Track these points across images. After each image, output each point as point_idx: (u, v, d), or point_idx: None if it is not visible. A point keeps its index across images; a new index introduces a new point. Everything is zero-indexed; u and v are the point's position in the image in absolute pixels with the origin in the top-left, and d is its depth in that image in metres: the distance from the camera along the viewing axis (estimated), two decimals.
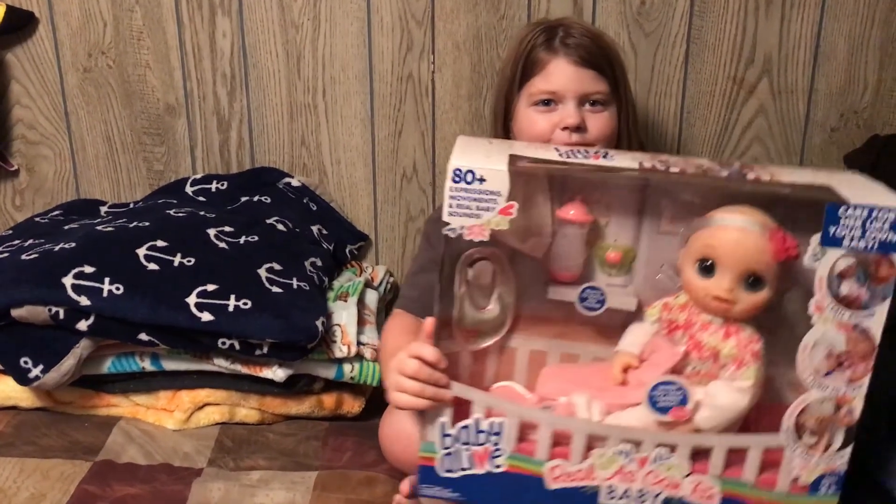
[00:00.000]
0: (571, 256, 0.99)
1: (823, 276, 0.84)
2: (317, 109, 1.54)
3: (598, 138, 1.18)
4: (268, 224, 1.42)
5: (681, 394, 0.90)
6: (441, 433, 0.94)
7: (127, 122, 1.56)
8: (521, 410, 0.95)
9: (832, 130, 1.55)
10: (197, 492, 1.11)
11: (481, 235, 0.88)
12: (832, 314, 0.85)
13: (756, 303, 0.90)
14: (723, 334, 0.91)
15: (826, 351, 0.86)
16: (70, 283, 1.22)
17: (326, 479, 1.15)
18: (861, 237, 0.83)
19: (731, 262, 0.88)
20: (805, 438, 0.89)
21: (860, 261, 0.84)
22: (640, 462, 0.92)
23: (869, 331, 0.86)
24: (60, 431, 1.25)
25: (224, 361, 1.28)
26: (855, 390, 0.88)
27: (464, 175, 0.86)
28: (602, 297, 0.97)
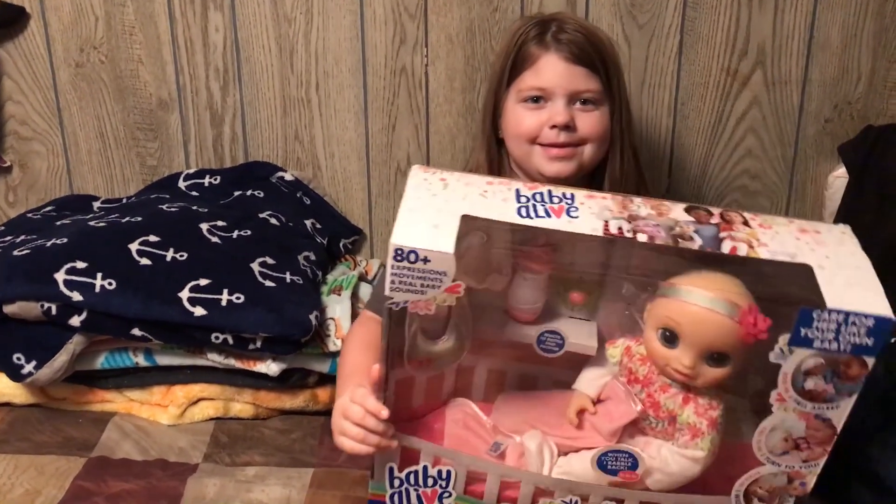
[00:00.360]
0: (530, 300, 0.95)
1: (788, 373, 0.79)
2: (310, 103, 1.53)
3: (587, 138, 1.14)
4: (261, 218, 1.42)
5: (630, 460, 0.89)
6: (389, 476, 0.93)
7: (120, 117, 1.56)
8: (469, 460, 0.93)
9: (826, 121, 1.55)
10: (192, 487, 1.11)
11: (426, 310, 0.82)
12: (794, 405, 0.80)
13: (718, 377, 0.86)
14: (681, 400, 0.88)
15: (783, 435, 0.82)
16: (62, 279, 1.22)
17: (322, 477, 1.15)
18: (834, 340, 0.76)
19: (695, 340, 0.84)
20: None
21: (829, 361, 0.78)
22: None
23: (831, 420, 0.81)
24: (55, 427, 1.25)
25: (217, 356, 1.28)
26: (810, 468, 0.84)
27: (406, 255, 0.78)
28: (561, 340, 0.92)
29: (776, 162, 1.57)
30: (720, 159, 1.57)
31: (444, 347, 0.94)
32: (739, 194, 1.59)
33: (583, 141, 1.13)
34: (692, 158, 1.57)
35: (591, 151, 1.15)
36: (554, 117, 1.12)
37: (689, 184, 1.59)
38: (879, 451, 1.05)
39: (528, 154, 1.15)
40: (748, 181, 1.58)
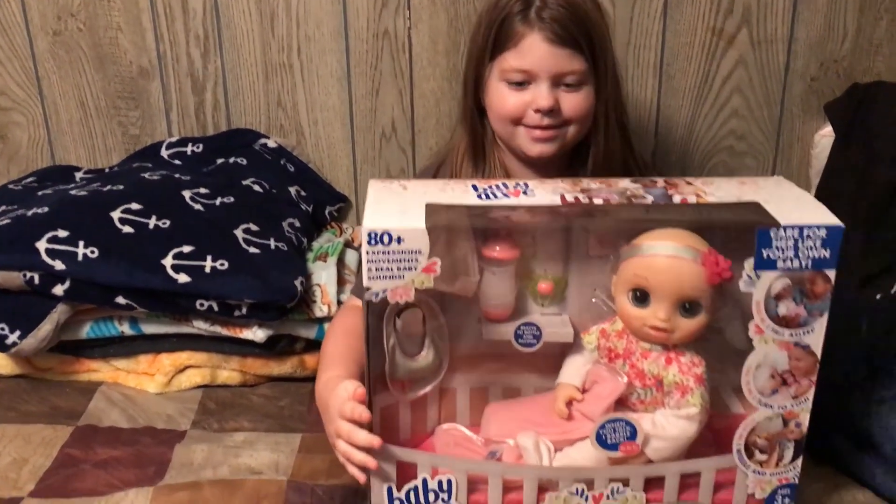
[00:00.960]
0: (502, 294, 0.96)
1: (760, 300, 0.83)
2: (292, 69, 1.51)
3: (572, 119, 1.11)
4: (244, 185, 1.41)
5: (629, 429, 0.89)
6: (388, 498, 0.90)
7: (100, 85, 1.54)
8: (468, 465, 0.92)
9: (812, 80, 1.54)
10: (180, 453, 1.11)
11: (406, 296, 0.84)
12: (772, 335, 0.84)
13: (694, 327, 0.88)
14: (664, 361, 0.90)
15: (769, 371, 0.86)
16: (44, 248, 1.21)
17: (311, 442, 1.15)
18: (794, 257, 0.82)
19: (665, 292, 0.87)
20: (756, 456, 0.90)
21: (795, 280, 0.83)
22: (596, 500, 0.90)
23: (810, 347, 0.85)
24: (41, 397, 1.24)
25: (203, 323, 1.27)
26: (801, 405, 0.88)
27: (380, 237, 0.80)
28: (538, 332, 0.93)
29: (762, 122, 1.57)
30: (706, 120, 1.56)
31: (423, 364, 0.96)
32: (726, 155, 1.58)
33: (567, 122, 1.12)
34: (678, 119, 1.57)
35: (574, 131, 1.13)
36: (538, 101, 1.09)
37: (676, 146, 1.58)
38: (863, 406, 1.05)
39: (512, 134, 1.14)
40: (734, 142, 1.58)
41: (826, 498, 1.03)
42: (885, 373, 1.08)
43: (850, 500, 1.02)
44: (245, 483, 1.03)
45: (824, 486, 1.05)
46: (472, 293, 0.96)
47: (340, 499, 1.02)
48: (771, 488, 0.91)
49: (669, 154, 1.58)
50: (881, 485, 1.02)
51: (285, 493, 1.01)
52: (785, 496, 0.91)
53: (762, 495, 0.91)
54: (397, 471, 0.90)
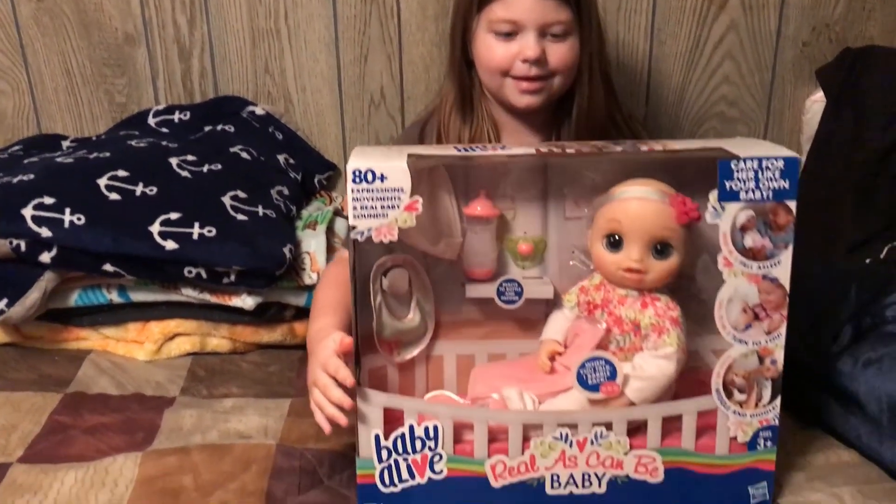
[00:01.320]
0: (484, 252, 0.99)
1: (727, 231, 0.87)
2: (279, 34, 1.50)
3: (558, 69, 1.13)
4: (232, 153, 1.40)
5: (608, 368, 0.91)
6: (376, 446, 0.92)
7: (85, 53, 1.52)
8: (454, 410, 0.94)
9: (804, 45, 1.53)
10: (169, 419, 1.11)
11: (390, 235, 0.87)
12: (741, 267, 0.87)
13: (666, 269, 0.92)
14: (640, 306, 0.93)
15: (741, 305, 0.88)
16: (30, 215, 1.20)
17: (300, 406, 1.14)
18: (756, 188, 0.86)
19: (637, 233, 0.90)
20: (735, 396, 0.91)
21: (758, 212, 0.86)
22: (580, 445, 0.92)
23: (778, 279, 0.88)
24: (30, 366, 1.24)
25: (192, 291, 1.27)
26: (774, 340, 0.90)
27: (364, 175, 0.85)
28: (519, 288, 0.97)
29: (754, 87, 1.56)
30: (697, 85, 1.55)
31: (409, 326, 1.00)
32: (717, 121, 1.58)
33: (553, 73, 1.13)
34: (669, 85, 1.56)
35: (560, 82, 1.15)
36: (525, 51, 1.11)
37: (667, 111, 1.57)
38: (850, 367, 1.06)
39: (500, 86, 1.16)
40: (725, 108, 1.57)
41: (812, 458, 1.03)
42: (872, 335, 1.09)
43: (835, 460, 1.03)
44: (234, 447, 1.03)
45: (811, 447, 1.05)
46: (456, 255, 1.00)
47: (329, 463, 1.02)
48: (752, 430, 0.92)
49: (659, 120, 1.57)
50: (866, 445, 1.02)
51: (274, 458, 1.01)
52: (767, 439, 0.93)
53: (744, 438, 0.92)
54: (384, 419, 0.92)
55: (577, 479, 0.92)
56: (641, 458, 0.92)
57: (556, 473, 0.92)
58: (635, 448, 0.92)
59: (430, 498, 0.92)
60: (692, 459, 0.93)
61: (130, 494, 0.95)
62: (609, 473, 0.92)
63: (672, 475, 0.92)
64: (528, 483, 0.92)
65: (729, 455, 0.93)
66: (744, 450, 0.93)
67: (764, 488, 0.94)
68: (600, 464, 0.92)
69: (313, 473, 1.00)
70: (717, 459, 0.93)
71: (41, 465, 1.00)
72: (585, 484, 0.92)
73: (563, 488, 0.92)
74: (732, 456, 0.93)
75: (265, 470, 1.00)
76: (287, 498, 0.96)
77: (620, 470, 0.92)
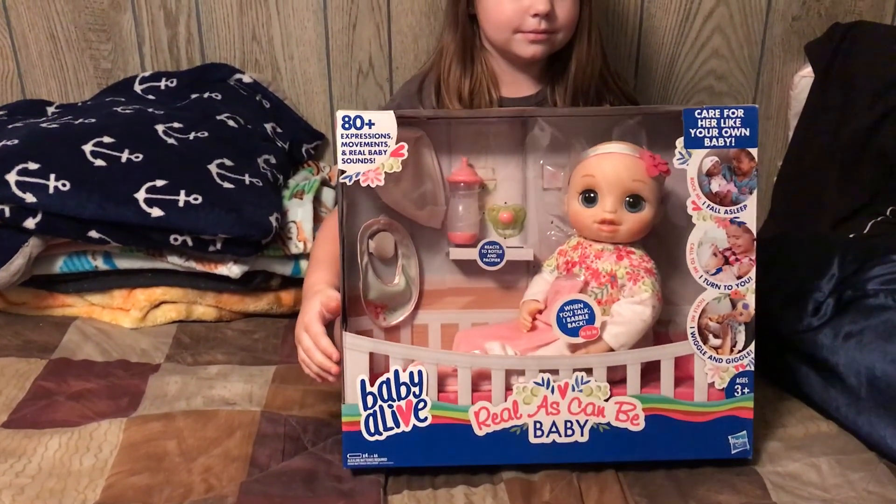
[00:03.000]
0: (466, 217, 1.03)
1: (694, 176, 0.92)
2: (267, 1, 1.48)
3: (564, 25, 1.17)
4: (218, 120, 1.39)
5: (587, 311, 0.93)
6: (361, 392, 0.93)
7: (70, 17, 1.50)
8: (438, 355, 0.96)
9: (794, 19, 1.53)
10: (154, 385, 1.12)
11: (377, 180, 0.91)
12: (709, 211, 0.92)
13: (639, 221, 0.96)
14: (616, 258, 0.97)
15: (711, 249, 0.93)
16: (14, 180, 1.19)
17: (285, 373, 1.16)
18: (719, 136, 0.92)
19: (611, 186, 0.95)
20: (711, 341, 0.94)
21: (723, 158, 0.92)
22: (562, 391, 0.93)
23: (745, 224, 0.93)
24: (14, 332, 1.24)
25: (178, 259, 1.27)
26: (745, 285, 0.94)
27: (353, 121, 0.91)
28: (501, 250, 1.01)
29: (742, 62, 1.56)
30: (686, 59, 1.55)
31: (395, 290, 1.03)
32: (705, 95, 1.58)
33: (558, 28, 1.17)
34: (658, 59, 1.55)
35: (563, 35, 1.19)
36: (536, 6, 1.14)
37: (655, 85, 1.57)
38: (831, 339, 1.07)
39: (508, 41, 1.19)
40: (714, 82, 1.57)
41: (792, 429, 1.05)
42: (853, 308, 1.09)
43: (814, 431, 1.04)
44: (218, 413, 1.04)
45: (791, 418, 1.07)
46: (439, 223, 1.04)
47: (313, 429, 1.03)
48: (729, 377, 0.95)
49: (648, 94, 1.56)
50: (845, 417, 1.04)
51: (258, 424, 1.02)
52: (743, 385, 0.95)
53: (722, 384, 0.95)
54: (370, 363, 0.93)
55: (559, 426, 0.94)
56: (622, 405, 0.94)
57: (538, 421, 0.94)
58: (616, 395, 0.94)
59: (415, 446, 0.94)
60: (672, 406, 0.95)
61: (114, 459, 0.96)
62: (591, 421, 0.94)
63: (653, 423, 0.94)
64: (511, 431, 0.94)
65: (707, 403, 0.95)
66: (722, 397, 0.95)
67: (744, 437, 0.96)
68: (582, 410, 0.94)
69: (297, 440, 1.01)
70: (696, 406, 0.95)
71: (25, 430, 1.01)
72: (568, 432, 0.94)
73: (546, 437, 0.94)
74: (711, 403, 0.95)
75: (249, 436, 1.00)
76: (271, 463, 0.96)
77: (602, 417, 0.94)
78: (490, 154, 1.03)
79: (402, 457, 0.94)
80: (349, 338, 0.93)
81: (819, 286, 1.12)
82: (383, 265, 1.02)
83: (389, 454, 0.94)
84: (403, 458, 0.94)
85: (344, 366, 0.94)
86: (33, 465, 0.95)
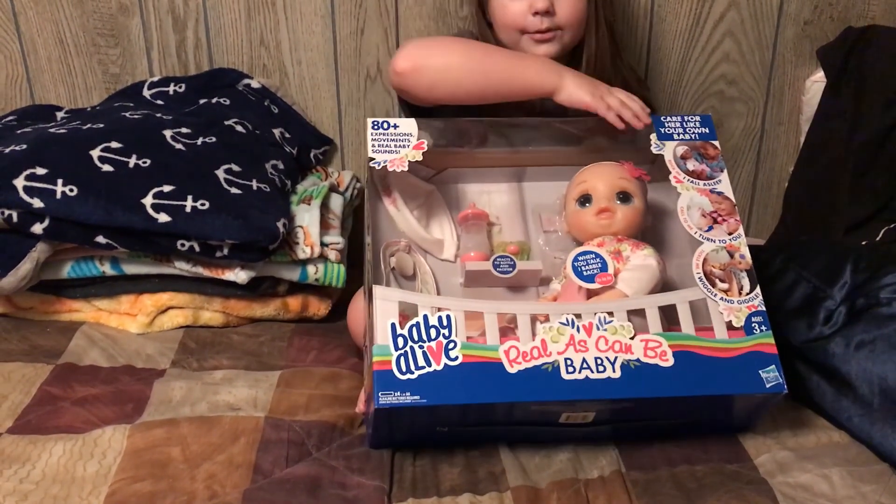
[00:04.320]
0: (478, 243, 1.11)
1: (671, 159, 1.10)
2: (275, 6, 1.48)
3: (568, 22, 1.20)
4: (226, 125, 1.39)
5: (600, 261, 1.03)
6: (392, 334, 0.94)
7: (79, 22, 1.50)
8: (464, 303, 0.99)
9: (805, 23, 1.51)
10: (159, 391, 1.11)
11: (402, 166, 1.07)
12: (689, 183, 1.08)
13: (631, 213, 1.07)
14: (616, 241, 1.06)
15: (699, 211, 1.07)
16: (22, 185, 1.19)
17: (290, 377, 1.15)
18: (684, 133, 1.12)
19: (602, 185, 1.08)
20: (718, 285, 1.01)
21: (691, 147, 1.11)
22: (587, 330, 0.96)
23: (724, 193, 1.08)
24: (22, 336, 1.24)
25: (185, 264, 1.26)
26: (737, 239, 1.05)
27: (381, 124, 1.09)
28: (512, 261, 1.08)
29: (754, 66, 1.54)
30: (697, 63, 1.54)
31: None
32: (716, 100, 1.56)
33: (562, 26, 1.20)
34: (668, 63, 1.54)
35: (570, 34, 1.22)
36: (535, 3, 1.17)
37: (665, 90, 1.56)
38: (843, 348, 1.05)
39: (517, 41, 1.23)
40: (725, 87, 1.55)
41: (803, 438, 1.03)
42: (866, 316, 1.08)
43: (826, 441, 1.03)
44: (222, 420, 1.03)
45: (802, 427, 1.05)
46: (453, 256, 1.12)
47: (318, 434, 1.02)
48: (744, 316, 1.00)
49: (658, 99, 1.55)
50: (857, 427, 1.02)
51: (262, 430, 1.02)
52: (759, 323, 0.99)
53: (739, 322, 0.99)
54: (399, 312, 0.96)
55: (590, 363, 0.95)
56: (648, 342, 0.96)
57: (569, 358, 0.95)
58: (640, 333, 0.96)
59: (448, 384, 0.93)
60: (696, 343, 0.97)
61: (118, 466, 0.96)
62: (620, 357, 0.95)
63: (682, 359, 0.96)
64: (543, 368, 0.94)
65: (729, 339, 0.98)
66: (742, 334, 0.98)
67: (775, 371, 0.97)
68: (610, 348, 0.95)
69: (301, 445, 1.00)
70: (719, 343, 0.98)
71: (30, 435, 1.00)
72: (599, 368, 0.94)
73: (579, 372, 0.94)
74: (733, 340, 0.98)
75: (253, 442, 1.00)
76: (274, 470, 0.96)
77: (630, 354, 0.95)
78: (492, 205, 1.15)
79: (435, 395, 0.92)
80: (379, 290, 0.97)
81: (831, 294, 1.11)
82: (405, 279, 1.08)
83: (422, 392, 0.92)
84: (437, 396, 0.92)
85: (374, 313, 0.95)
86: (37, 472, 0.95)
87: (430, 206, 1.14)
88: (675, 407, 0.97)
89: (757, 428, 1.05)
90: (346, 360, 1.21)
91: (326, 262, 1.32)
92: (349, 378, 1.16)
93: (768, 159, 1.61)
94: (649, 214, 1.11)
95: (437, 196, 1.15)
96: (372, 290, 0.97)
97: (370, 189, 1.09)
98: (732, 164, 1.61)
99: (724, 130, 1.58)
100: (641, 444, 1.02)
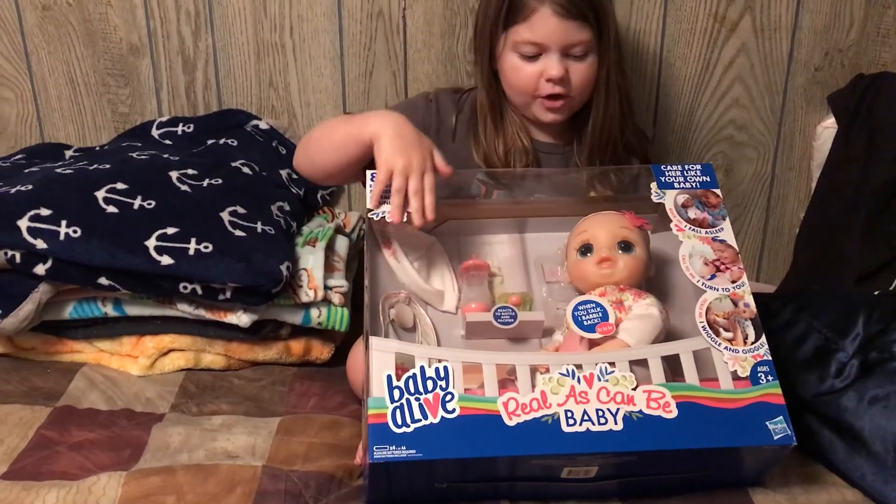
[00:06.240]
0: (479, 294, 1.10)
1: (672, 207, 1.09)
2: (284, 49, 1.49)
3: (579, 88, 1.20)
4: (233, 167, 1.39)
5: (600, 310, 1.01)
6: (388, 386, 0.92)
7: (90, 62, 1.51)
8: (462, 353, 0.97)
9: (816, 70, 1.51)
10: (156, 436, 1.09)
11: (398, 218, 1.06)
12: (691, 232, 1.07)
13: (633, 263, 1.06)
14: (618, 290, 1.04)
15: (701, 260, 1.05)
16: (26, 226, 1.19)
17: (290, 424, 1.13)
18: (684, 181, 1.11)
19: (603, 234, 1.07)
20: (723, 334, 0.99)
21: (692, 195, 1.10)
22: (588, 381, 0.94)
23: (726, 241, 1.07)
24: (21, 377, 1.23)
25: (187, 307, 1.25)
26: (740, 287, 1.03)
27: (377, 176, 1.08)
28: (513, 313, 1.05)
29: (764, 112, 1.53)
30: (706, 109, 1.53)
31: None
32: (726, 146, 1.55)
33: (574, 94, 1.20)
34: (678, 108, 1.53)
35: (580, 98, 1.22)
36: (549, 71, 1.17)
37: (674, 134, 1.55)
38: (855, 403, 1.03)
39: (527, 104, 1.23)
40: (735, 132, 1.54)
41: (815, 497, 1.00)
42: (879, 370, 1.06)
43: (838, 499, 1.00)
44: (219, 468, 1.01)
45: (814, 485, 1.02)
46: (454, 307, 1.11)
47: (315, 484, 1.00)
48: (749, 365, 0.97)
49: (667, 144, 1.54)
50: (871, 485, 0.99)
51: (259, 480, 1.00)
52: (766, 373, 0.97)
53: (744, 373, 0.97)
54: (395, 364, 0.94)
55: (591, 415, 0.92)
56: (651, 392, 0.93)
57: (569, 410, 0.92)
58: (643, 384, 0.94)
59: (445, 438, 0.90)
60: (700, 394, 0.94)
61: None
62: (622, 409, 0.92)
63: (685, 410, 0.93)
64: (542, 420, 0.91)
65: (734, 390, 0.95)
66: (748, 384, 0.96)
67: (783, 423, 0.93)
68: (611, 399, 0.93)
69: (298, 496, 0.98)
70: (724, 393, 0.95)
71: (23, 482, 0.99)
72: (601, 420, 0.92)
73: (580, 425, 0.91)
74: (738, 391, 0.95)
75: (250, 492, 0.98)
76: None
77: (633, 405, 0.93)
78: (494, 256, 1.14)
79: (431, 449, 0.89)
80: (375, 341, 0.95)
81: (843, 346, 1.08)
82: (405, 331, 1.06)
83: (418, 446, 0.89)
84: (433, 450, 0.89)
85: (370, 364, 0.94)
86: None
87: (431, 257, 1.13)
88: (681, 460, 0.95)
89: (767, 483, 1.02)
90: (347, 407, 1.19)
91: (330, 306, 1.31)
92: (350, 426, 1.14)
93: (779, 205, 1.59)
94: (652, 264, 1.09)
95: (437, 247, 1.14)
96: (369, 340, 0.96)
97: (369, 240, 1.08)
98: (743, 209, 1.59)
99: (735, 176, 1.57)
100: (647, 499, 0.99)
